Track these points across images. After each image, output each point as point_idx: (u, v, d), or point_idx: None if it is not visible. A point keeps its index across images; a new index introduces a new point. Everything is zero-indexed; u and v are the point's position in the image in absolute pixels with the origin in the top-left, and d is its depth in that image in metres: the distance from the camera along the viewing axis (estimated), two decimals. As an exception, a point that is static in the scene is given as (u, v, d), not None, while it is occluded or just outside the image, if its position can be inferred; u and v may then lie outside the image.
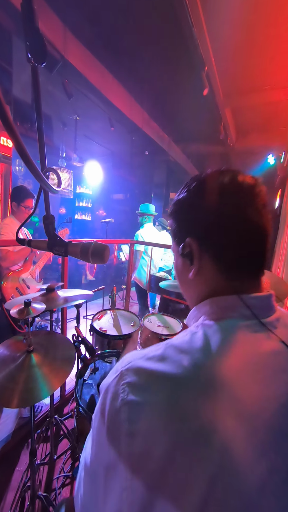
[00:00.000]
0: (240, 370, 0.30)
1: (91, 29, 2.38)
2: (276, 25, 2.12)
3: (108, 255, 0.58)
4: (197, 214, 0.41)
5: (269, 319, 0.37)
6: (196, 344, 0.32)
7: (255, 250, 0.39)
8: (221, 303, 0.38)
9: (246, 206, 0.37)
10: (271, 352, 0.33)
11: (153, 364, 0.31)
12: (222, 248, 0.39)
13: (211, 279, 0.40)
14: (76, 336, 1.03)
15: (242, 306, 0.37)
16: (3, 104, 0.31)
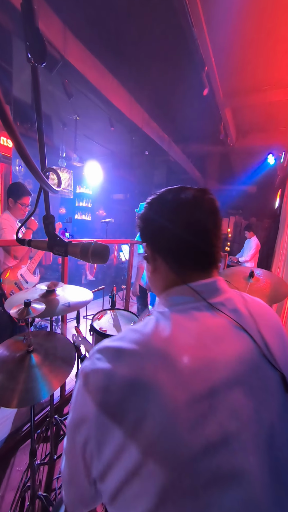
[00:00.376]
0: (181, 342, 0.37)
1: (91, 29, 2.38)
2: (276, 25, 2.12)
3: (108, 255, 0.58)
4: (147, 225, 0.51)
5: (216, 300, 0.44)
6: (147, 325, 0.40)
7: (196, 251, 0.46)
8: (171, 293, 0.47)
9: (184, 216, 0.46)
10: (215, 325, 0.41)
11: (114, 342, 0.39)
12: (167, 251, 0.48)
13: (164, 275, 0.49)
14: (76, 336, 1.03)
15: (189, 291, 0.44)
16: (3, 104, 0.31)
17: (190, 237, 0.45)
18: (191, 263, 0.47)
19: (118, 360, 0.36)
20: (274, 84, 2.99)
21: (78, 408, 0.38)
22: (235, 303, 0.46)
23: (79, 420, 0.37)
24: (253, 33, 2.25)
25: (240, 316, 0.43)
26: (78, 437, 0.37)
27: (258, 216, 6.85)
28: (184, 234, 0.45)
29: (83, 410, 0.36)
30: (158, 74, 2.96)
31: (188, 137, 4.95)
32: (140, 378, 0.34)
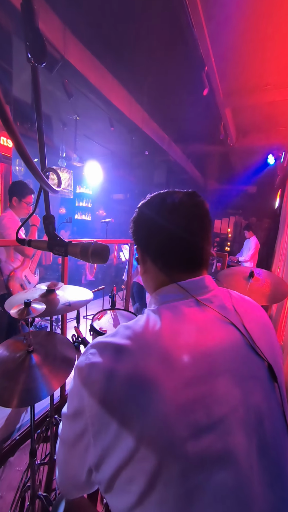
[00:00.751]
0: (171, 334, 0.39)
1: (91, 29, 2.38)
2: (276, 25, 2.12)
3: (108, 255, 0.58)
4: (137, 229, 0.54)
5: (204, 296, 0.46)
6: (139, 322, 0.42)
7: (182, 252, 0.49)
8: (161, 292, 0.49)
9: (170, 219, 0.48)
10: (202, 319, 0.43)
11: (107, 338, 0.41)
12: (155, 253, 0.50)
13: (154, 276, 0.52)
14: (76, 336, 1.03)
15: (178, 289, 0.47)
16: (3, 104, 0.31)
17: (176, 241, 0.48)
18: (179, 265, 0.49)
19: (113, 354, 0.38)
20: (274, 84, 2.99)
21: (74, 400, 0.39)
22: (221, 299, 0.48)
23: (76, 412, 0.38)
24: (253, 33, 2.25)
25: (226, 311, 0.45)
26: (75, 428, 0.38)
27: (258, 216, 6.85)
28: (171, 237, 0.48)
29: (80, 403, 0.37)
30: (157, 74, 2.95)
31: (188, 137, 4.94)
32: (134, 371, 0.35)
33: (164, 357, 0.36)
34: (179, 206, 0.49)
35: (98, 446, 0.35)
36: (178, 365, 0.36)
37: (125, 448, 0.32)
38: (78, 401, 0.38)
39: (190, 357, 0.37)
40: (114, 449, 0.33)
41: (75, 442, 0.38)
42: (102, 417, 0.34)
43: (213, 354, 0.39)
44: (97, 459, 0.35)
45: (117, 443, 0.33)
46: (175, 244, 0.48)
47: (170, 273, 0.49)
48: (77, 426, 0.38)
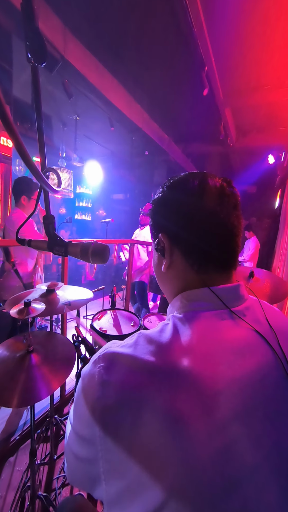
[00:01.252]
0: (204, 356, 0.32)
1: (91, 29, 2.38)
2: (276, 25, 2.12)
3: (108, 255, 0.58)
4: (168, 212, 0.44)
5: (237, 308, 0.40)
6: (165, 334, 0.35)
7: (222, 247, 0.41)
8: (191, 296, 0.41)
9: (213, 206, 0.40)
10: (238, 337, 0.36)
11: (125, 350, 0.34)
12: (190, 244, 0.42)
13: (181, 272, 0.43)
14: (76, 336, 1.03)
15: (210, 297, 0.40)
16: (3, 104, 0.31)
17: (217, 231, 0.41)
18: (214, 262, 0.42)
19: (125, 372, 0.31)
20: (274, 84, 2.99)
21: (83, 423, 0.33)
22: (255, 312, 0.42)
23: (85, 439, 0.33)
24: (253, 33, 2.25)
25: (261, 327, 0.39)
26: (84, 451, 0.33)
27: (258, 216, 6.85)
28: (211, 226, 0.40)
29: (90, 432, 0.31)
30: (158, 74, 2.95)
31: (188, 137, 4.94)
32: (156, 400, 0.29)
33: (196, 389, 0.30)
34: (222, 192, 0.41)
35: (111, 486, 0.29)
36: (212, 400, 0.29)
37: (149, 501, 0.26)
38: (88, 428, 0.32)
39: (226, 390, 0.30)
40: (132, 498, 0.27)
41: (84, 463, 0.33)
42: (116, 455, 0.28)
43: (249, 385, 0.32)
44: (109, 499, 0.30)
45: (137, 493, 0.27)
46: (215, 236, 0.40)
47: (201, 270, 0.42)
48: (86, 452, 0.32)
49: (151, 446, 0.27)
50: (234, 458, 0.28)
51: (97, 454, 0.30)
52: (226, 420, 0.29)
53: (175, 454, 0.27)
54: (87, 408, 0.31)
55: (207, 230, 0.41)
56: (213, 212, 0.40)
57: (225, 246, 0.42)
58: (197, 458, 0.27)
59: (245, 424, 0.30)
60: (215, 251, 0.41)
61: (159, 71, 2.89)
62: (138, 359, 0.32)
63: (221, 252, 0.42)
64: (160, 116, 4.08)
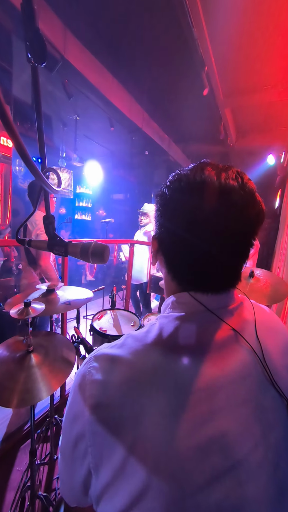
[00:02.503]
0: (187, 355, 0.34)
1: (91, 29, 2.38)
2: (276, 25, 2.12)
3: (108, 255, 0.58)
4: (161, 215, 0.41)
5: (223, 310, 0.39)
6: (151, 334, 0.37)
7: (208, 270, 0.37)
8: (181, 298, 0.40)
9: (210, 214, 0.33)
10: (221, 337, 0.36)
11: (113, 350, 0.36)
12: (170, 258, 0.41)
13: (167, 278, 0.43)
14: (75, 336, 1.03)
15: (195, 301, 0.39)
16: (3, 104, 0.31)
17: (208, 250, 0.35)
18: (200, 284, 0.39)
19: (113, 371, 0.34)
20: (274, 84, 2.99)
21: (73, 419, 0.35)
22: (243, 314, 0.41)
23: (76, 436, 0.34)
24: (253, 33, 2.25)
25: (246, 330, 0.39)
26: (74, 451, 0.34)
27: (258, 216, 6.85)
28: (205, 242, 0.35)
29: (78, 425, 0.34)
30: (158, 74, 2.95)
31: (188, 137, 4.95)
32: (141, 397, 0.31)
33: (177, 386, 0.31)
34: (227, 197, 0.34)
35: (101, 478, 0.31)
36: (193, 397, 0.31)
37: (128, 491, 0.28)
38: (78, 423, 0.34)
39: (208, 386, 0.32)
40: (118, 485, 0.29)
41: (74, 465, 0.34)
42: (104, 447, 0.30)
43: (232, 382, 0.33)
44: (98, 493, 0.31)
45: (120, 484, 0.29)
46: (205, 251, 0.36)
47: (179, 282, 0.41)
48: (77, 449, 0.34)
49: (137, 437, 0.29)
50: (216, 451, 0.29)
51: (87, 449, 0.32)
52: (209, 415, 0.30)
53: (157, 445, 0.28)
54: (79, 405, 0.34)
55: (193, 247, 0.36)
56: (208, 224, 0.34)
57: (211, 271, 0.37)
58: (176, 450, 0.28)
59: (231, 419, 0.31)
60: (198, 275, 0.38)
61: (159, 71, 2.89)
62: (124, 359, 0.34)
63: (213, 277, 0.38)
64: (160, 116, 4.08)
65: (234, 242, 0.35)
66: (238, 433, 0.30)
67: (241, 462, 0.29)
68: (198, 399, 0.31)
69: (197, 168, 0.37)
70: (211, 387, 0.32)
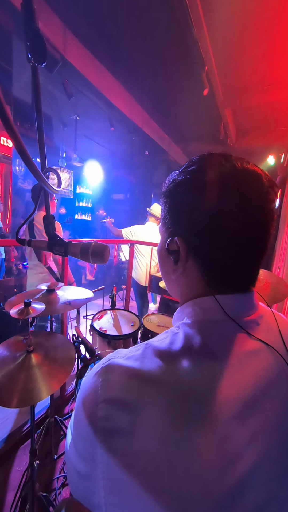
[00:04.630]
0: (216, 374, 0.30)
1: (91, 29, 2.38)
2: (276, 25, 2.12)
3: (108, 255, 0.58)
4: (194, 210, 0.34)
5: (249, 318, 0.36)
6: (175, 346, 0.32)
7: (249, 267, 0.36)
8: (204, 304, 0.36)
9: (257, 214, 0.33)
10: (250, 351, 0.33)
11: (131, 363, 0.30)
12: (213, 260, 0.35)
13: (194, 284, 0.38)
14: (76, 336, 1.03)
15: (220, 308, 0.35)
16: (3, 104, 0.31)
17: (251, 246, 0.34)
18: (235, 284, 0.36)
19: (138, 390, 0.28)
20: (274, 84, 2.99)
21: (82, 439, 0.30)
22: (268, 322, 0.38)
23: (84, 457, 0.29)
24: (253, 33, 2.25)
25: (273, 339, 0.36)
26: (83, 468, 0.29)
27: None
28: (247, 240, 0.33)
29: (90, 450, 0.28)
30: (158, 74, 2.96)
31: (188, 137, 4.95)
32: (165, 423, 0.26)
33: (208, 412, 0.27)
34: (269, 199, 0.34)
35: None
36: (225, 428, 0.26)
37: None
38: (89, 446, 0.28)
39: (238, 413, 0.27)
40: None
41: (84, 479, 0.29)
42: (121, 481, 0.25)
43: (259, 406, 0.29)
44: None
45: None
46: (248, 254, 0.34)
47: (213, 284, 0.36)
48: (86, 468, 0.29)
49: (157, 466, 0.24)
50: (247, 493, 0.24)
51: (97, 476, 0.27)
52: (239, 450, 0.26)
53: (182, 486, 0.23)
54: (89, 426, 0.28)
55: (239, 246, 0.33)
56: (254, 225, 0.33)
57: (250, 266, 0.36)
58: (200, 502, 0.23)
59: (259, 452, 0.27)
60: (240, 273, 0.35)
61: (159, 71, 2.89)
62: (147, 374, 0.28)
63: (244, 274, 0.36)
64: (160, 116, 4.08)
65: (269, 241, 0.35)
66: (268, 466, 0.27)
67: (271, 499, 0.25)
68: (229, 432, 0.26)
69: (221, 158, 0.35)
70: (241, 413, 0.28)
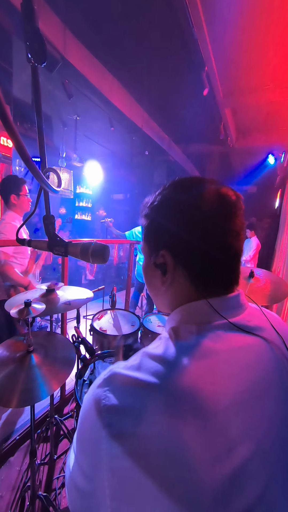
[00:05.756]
0: (209, 373, 0.31)
1: (91, 29, 2.38)
2: (276, 25, 2.12)
3: (109, 255, 0.58)
4: (175, 224, 0.39)
5: (239, 317, 0.38)
6: (169, 351, 0.33)
7: (230, 267, 0.39)
8: (191, 308, 0.39)
9: (227, 222, 0.38)
10: (243, 347, 0.35)
11: (131, 372, 0.32)
12: (199, 266, 0.38)
13: (183, 291, 0.40)
14: (76, 336, 1.03)
15: (211, 309, 0.37)
16: (3, 104, 0.31)
17: (229, 251, 0.38)
18: (221, 285, 0.40)
19: (137, 398, 0.29)
20: (274, 84, 2.99)
21: (86, 457, 0.31)
22: (259, 320, 0.41)
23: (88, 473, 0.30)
24: (253, 33, 2.25)
25: (268, 334, 0.38)
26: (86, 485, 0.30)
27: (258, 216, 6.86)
28: (224, 246, 0.38)
29: (92, 464, 0.29)
30: (158, 74, 2.96)
31: (188, 137, 4.94)
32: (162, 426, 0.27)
33: (200, 409, 0.28)
34: (238, 207, 0.39)
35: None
36: (217, 421, 0.28)
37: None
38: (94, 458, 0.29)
39: (230, 407, 0.29)
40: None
41: (88, 499, 0.30)
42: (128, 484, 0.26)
43: (255, 397, 0.31)
44: None
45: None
46: (228, 257, 0.39)
47: (205, 291, 0.39)
48: (91, 486, 0.29)
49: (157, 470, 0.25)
50: (243, 484, 0.26)
51: (103, 483, 0.27)
52: (232, 443, 0.27)
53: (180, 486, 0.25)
54: (95, 434, 0.29)
55: (221, 249, 0.38)
56: (229, 229, 0.38)
57: (233, 266, 0.40)
58: (200, 490, 0.25)
59: (253, 444, 0.28)
60: (225, 273, 0.39)
61: (159, 71, 2.89)
62: (145, 379, 0.30)
63: (229, 274, 0.40)
64: (160, 116, 4.08)
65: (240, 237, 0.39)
66: (261, 458, 0.28)
67: (266, 491, 0.27)
68: (221, 425, 0.28)
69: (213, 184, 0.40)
70: (234, 407, 0.29)
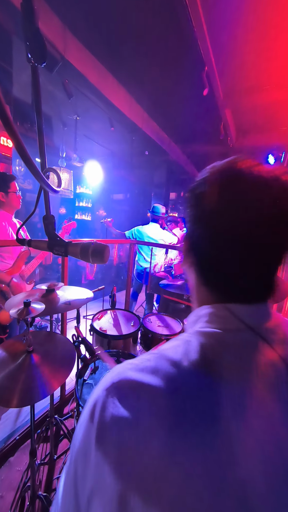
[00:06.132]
0: (236, 386, 0.28)
1: (91, 29, 2.38)
2: (276, 25, 2.12)
3: (108, 255, 0.58)
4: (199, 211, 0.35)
5: (265, 328, 0.34)
6: (190, 356, 0.29)
7: (261, 276, 0.33)
8: (219, 312, 0.34)
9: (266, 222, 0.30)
10: (268, 363, 0.31)
11: (144, 376, 0.28)
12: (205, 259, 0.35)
13: (198, 281, 0.38)
14: (76, 336, 1.03)
15: (235, 317, 0.34)
16: (3, 104, 0.31)
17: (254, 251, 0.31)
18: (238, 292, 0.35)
19: (153, 408, 0.25)
20: (274, 84, 2.99)
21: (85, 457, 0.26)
22: (284, 332, 0.35)
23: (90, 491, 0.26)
24: (253, 33, 2.25)
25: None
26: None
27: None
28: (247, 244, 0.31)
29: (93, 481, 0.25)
30: (158, 74, 2.96)
31: (188, 137, 4.95)
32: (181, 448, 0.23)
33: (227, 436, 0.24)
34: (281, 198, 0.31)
35: None
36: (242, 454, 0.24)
37: None
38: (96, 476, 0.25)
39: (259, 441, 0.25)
40: None
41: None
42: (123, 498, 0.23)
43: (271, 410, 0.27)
44: None
45: None
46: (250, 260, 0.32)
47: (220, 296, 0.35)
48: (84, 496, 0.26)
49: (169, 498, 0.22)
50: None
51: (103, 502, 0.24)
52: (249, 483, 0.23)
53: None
54: (99, 450, 0.25)
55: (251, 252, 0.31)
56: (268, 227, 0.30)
57: (266, 274, 0.33)
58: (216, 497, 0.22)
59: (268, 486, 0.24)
60: (256, 281, 0.33)
61: (159, 71, 2.89)
62: (161, 390, 0.26)
63: (263, 283, 0.34)
64: (160, 116, 4.08)
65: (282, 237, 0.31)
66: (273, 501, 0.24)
67: None
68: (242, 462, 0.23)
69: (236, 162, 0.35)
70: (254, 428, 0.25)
